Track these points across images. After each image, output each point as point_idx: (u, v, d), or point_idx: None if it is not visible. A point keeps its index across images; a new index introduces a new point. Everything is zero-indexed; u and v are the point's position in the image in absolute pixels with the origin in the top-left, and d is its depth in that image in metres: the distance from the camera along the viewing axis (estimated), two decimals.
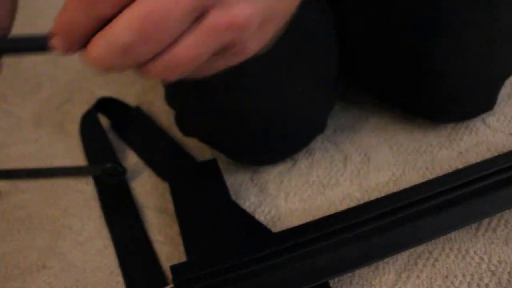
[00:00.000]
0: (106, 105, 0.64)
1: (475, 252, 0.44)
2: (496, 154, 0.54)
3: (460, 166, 0.53)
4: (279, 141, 0.51)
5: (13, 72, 0.81)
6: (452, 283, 0.42)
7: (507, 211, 0.46)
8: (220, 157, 0.56)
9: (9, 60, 0.82)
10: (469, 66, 0.49)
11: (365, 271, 0.44)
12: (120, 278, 0.47)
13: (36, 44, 0.25)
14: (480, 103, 0.55)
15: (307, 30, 0.50)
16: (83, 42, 0.23)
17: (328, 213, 0.49)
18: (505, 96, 0.63)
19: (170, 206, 0.52)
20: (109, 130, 0.63)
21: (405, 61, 0.51)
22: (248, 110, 0.47)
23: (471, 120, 0.58)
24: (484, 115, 0.59)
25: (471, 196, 0.45)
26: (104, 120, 0.64)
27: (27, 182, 0.59)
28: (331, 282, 0.43)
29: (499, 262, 0.43)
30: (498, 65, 0.51)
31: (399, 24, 0.49)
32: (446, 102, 0.53)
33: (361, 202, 0.51)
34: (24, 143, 0.65)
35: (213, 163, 0.50)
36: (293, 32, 0.48)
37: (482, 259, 0.44)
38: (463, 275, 0.43)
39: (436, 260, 0.44)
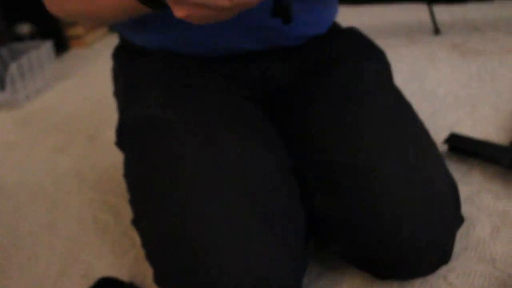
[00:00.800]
0: (103, 283, 0.69)
1: None
2: None
3: None
4: None
5: (10, 240, 0.86)
6: None
7: None
8: None
9: (7, 230, 0.87)
10: (417, 226, 0.57)
11: None
12: None
13: None
14: (435, 258, 0.60)
15: (275, 195, 0.57)
16: None
17: None
18: (461, 249, 0.70)
19: None
20: None
21: (359, 229, 0.58)
22: (219, 274, 0.52)
23: (434, 278, 0.65)
24: (445, 272, 0.66)
25: None
26: None
27: None
28: None
29: None
30: (446, 221, 0.59)
31: (352, 201, 0.58)
32: (402, 260, 0.59)
33: None
34: None
35: None
36: (261, 198, 0.56)
37: None
38: None
39: None
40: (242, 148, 0.59)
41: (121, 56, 0.75)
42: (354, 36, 0.76)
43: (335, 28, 0.78)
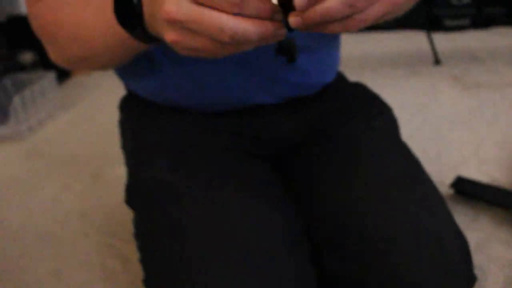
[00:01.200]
0: None
1: None
2: None
3: None
4: None
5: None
6: None
7: None
8: None
9: (13, 276, 0.86)
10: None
11: None
12: None
13: None
14: None
15: (284, 259, 0.56)
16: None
17: None
18: None
19: None
20: None
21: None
22: None
23: None
24: None
25: None
26: None
27: None
28: None
29: None
30: (458, 282, 0.59)
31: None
32: None
33: None
34: None
35: None
36: (270, 263, 0.56)
37: None
38: None
39: None
40: (250, 211, 0.59)
41: (128, 109, 0.75)
42: (361, 92, 0.76)
43: (342, 80, 0.78)
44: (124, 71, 0.71)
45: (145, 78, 0.68)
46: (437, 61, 1.82)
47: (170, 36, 0.39)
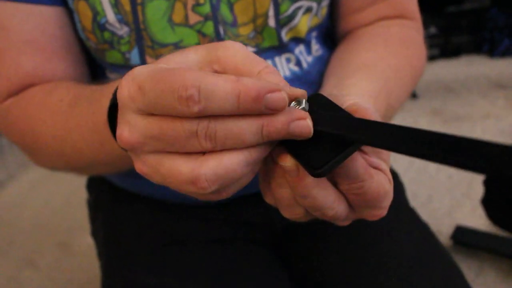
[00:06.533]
0: None
1: None
2: None
3: None
4: None
5: None
6: None
7: None
8: None
9: None
10: None
11: None
12: None
13: None
14: None
15: None
16: None
17: None
18: None
19: None
20: None
21: None
22: None
23: None
24: None
25: None
26: None
27: None
28: None
29: None
30: None
31: None
32: None
33: None
34: None
35: None
36: None
37: None
38: None
39: None
40: None
41: (97, 190, 0.64)
42: None
43: None
44: None
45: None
46: (414, 95, 1.80)
47: (137, 165, 0.29)
